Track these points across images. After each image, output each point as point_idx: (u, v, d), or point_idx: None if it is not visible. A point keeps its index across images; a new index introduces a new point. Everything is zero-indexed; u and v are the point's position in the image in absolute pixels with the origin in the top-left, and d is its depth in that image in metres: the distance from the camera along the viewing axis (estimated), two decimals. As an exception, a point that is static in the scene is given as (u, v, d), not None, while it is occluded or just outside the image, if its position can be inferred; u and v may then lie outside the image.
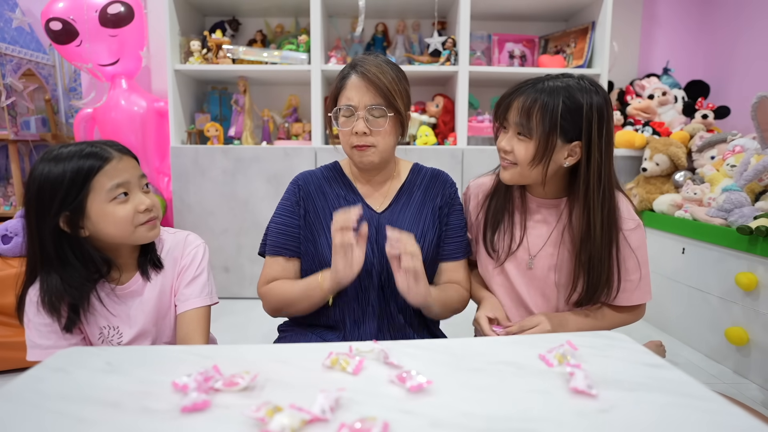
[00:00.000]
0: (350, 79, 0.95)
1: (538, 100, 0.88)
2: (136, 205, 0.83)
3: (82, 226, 0.80)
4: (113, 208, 0.81)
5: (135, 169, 0.85)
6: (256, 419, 0.47)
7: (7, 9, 2.52)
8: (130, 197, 0.83)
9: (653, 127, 2.34)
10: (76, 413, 0.50)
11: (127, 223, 0.82)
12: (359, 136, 0.94)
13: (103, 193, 0.80)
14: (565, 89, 0.88)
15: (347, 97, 0.94)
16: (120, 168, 0.82)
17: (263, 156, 2.28)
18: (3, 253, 1.61)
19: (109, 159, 0.80)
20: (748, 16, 2.46)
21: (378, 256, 0.98)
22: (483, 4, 2.36)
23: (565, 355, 0.63)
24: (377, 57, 0.98)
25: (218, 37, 2.33)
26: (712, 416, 0.50)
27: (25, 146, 2.74)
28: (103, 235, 0.82)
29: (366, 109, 0.93)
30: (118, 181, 0.81)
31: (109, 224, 0.81)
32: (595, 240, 0.92)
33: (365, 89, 0.93)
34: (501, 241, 1.03)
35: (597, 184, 0.91)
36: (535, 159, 0.91)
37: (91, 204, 0.79)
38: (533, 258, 1.01)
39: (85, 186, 0.78)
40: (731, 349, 1.62)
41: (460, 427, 0.48)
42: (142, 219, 0.84)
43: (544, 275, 1.01)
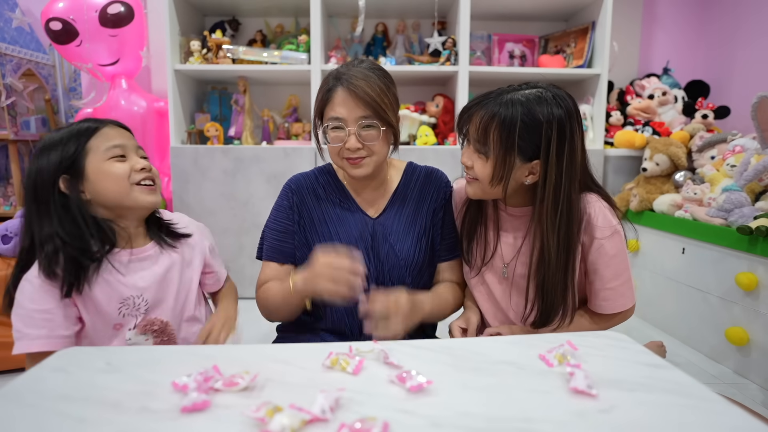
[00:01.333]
0: (336, 93, 0.90)
1: (495, 117, 0.83)
2: (132, 165, 0.85)
3: (82, 189, 0.82)
4: (110, 166, 0.83)
5: (130, 138, 0.88)
6: (256, 419, 0.47)
7: (7, 9, 2.52)
8: (126, 158, 0.85)
9: (653, 127, 2.34)
10: (76, 413, 0.50)
11: (123, 179, 0.83)
12: (351, 151, 0.91)
13: (100, 153, 0.82)
14: (524, 104, 0.83)
15: (335, 111, 0.90)
16: (115, 133, 0.85)
17: (263, 156, 2.28)
18: (3, 253, 1.61)
19: (102, 126, 0.84)
20: (748, 16, 2.46)
21: (374, 262, 0.97)
22: (483, 4, 2.36)
23: (565, 355, 0.63)
24: (361, 64, 0.93)
25: (218, 37, 2.33)
26: (712, 416, 0.50)
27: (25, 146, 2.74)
28: (103, 196, 0.83)
29: (357, 123, 0.89)
30: (114, 142, 0.84)
31: (107, 181, 0.82)
32: (550, 263, 0.86)
33: (353, 104, 0.89)
34: (476, 251, 1.01)
35: (552, 206, 0.85)
36: (493, 178, 0.87)
37: (89, 165, 0.82)
38: (506, 266, 0.99)
39: (82, 148, 0.81)
40: (731, 349, 1.62)
41: (460, 427, 0.48)
42: (137, 177, 0.85)
43: (518, 282, 0.98)
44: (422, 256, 1.00)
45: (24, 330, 0.79)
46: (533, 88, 0.87)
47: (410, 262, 0.98)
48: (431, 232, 1.02)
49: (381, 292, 0.84)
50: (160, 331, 0.89)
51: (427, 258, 1.02)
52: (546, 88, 0.87)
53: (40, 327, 0.79)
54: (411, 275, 0.99)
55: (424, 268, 1.02)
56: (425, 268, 1.02)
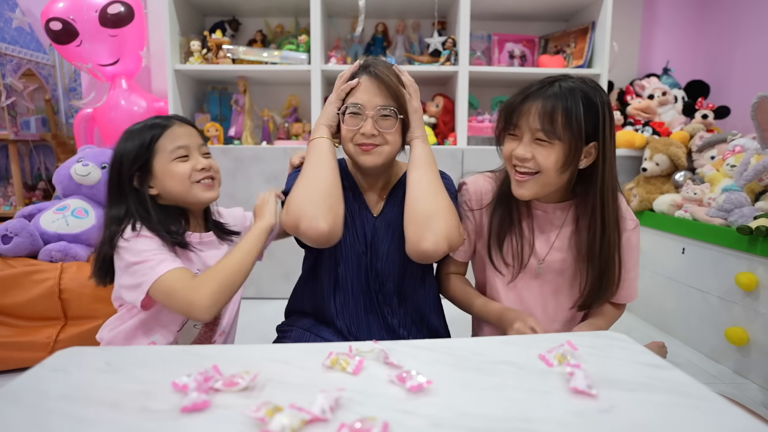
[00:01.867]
0: (362, 77, 0.93)
1: (560, 104, 0.85)
2: (194, 165, 0.92)
3: (151, 185, 0.90)
4: (174, 166, 0.90)
5: (195, 136, 0.94)
6: (256, 419, 0.47)
7: (7, 9, 2.52)
8: (189, 158, 0.92)
9: (653, 127, 2.34)
10: (76, 413, 0.50)
11: (184, 179, 0.90)
12: (366, 137, 0.92)
13: (166, 154, 0.90)
14: (580, 90, 0.86)
15: (356, 97, 0.93)
16: (180, 132, 0.92)
17: (263, 156, 2.28)
18: (3, 253, 1.61)
19: (169, 125, 0.91)
20: (748, 16, 2.46)
21: (373, 259, 0.97)
22: (483, 4, 2.36)
23: (565, 355, 0.63)
24: (385, 61, 0.98)
25: (218, 37, 2.33)
26: (712, 416, 0.50)
27: (25, 146, 2.74)
28: (167, 192, 0.91)
29: (375, 109, 0.91)
30: (179, 143, 0.91)
31: (171, 180, 0.90)
32: (609, 239, 0.92)
33: (376, 90, 0.92)
34: (511, 255, 0.99)
35: (611, 183, 0.91)
36: (564, 164, 0.87)
37: (157, 164, 0.90)
38: (542, 263, 0.99)
39: (150, 148, 0.89)
40: (731, 349, 1.62)
41: (460, 427, 0.48)
42: (197, 176, 0.92)
43: (551, 279, 1.00)
44: None
45: (159, 257, 0.84)
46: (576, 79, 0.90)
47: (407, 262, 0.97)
48: None
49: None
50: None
51: None
52: (585, 79, 0.90)
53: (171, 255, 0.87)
54: (408, 271, 0.99)
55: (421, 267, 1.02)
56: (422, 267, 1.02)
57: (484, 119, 2.42)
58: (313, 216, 0.86)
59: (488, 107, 2.62)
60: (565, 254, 0.98)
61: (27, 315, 1.57)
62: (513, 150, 0.91)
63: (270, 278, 2.32)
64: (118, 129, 2.27)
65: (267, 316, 2.16)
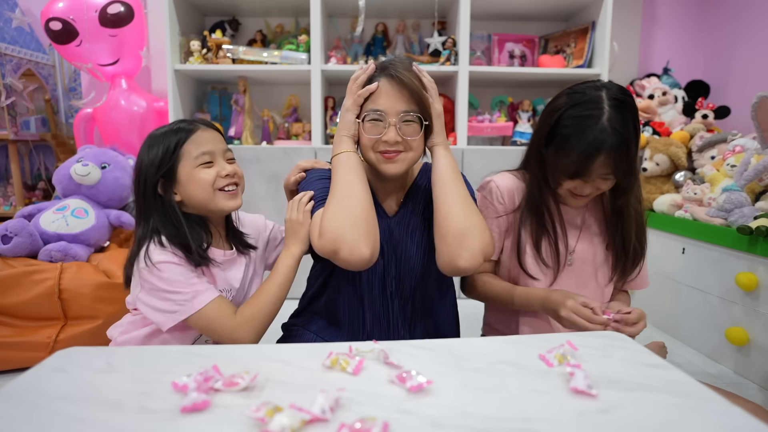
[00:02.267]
0: (381, 80, 0.88)
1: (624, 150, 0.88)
2: (218, 171, 0.90)
3: (175, 191, 0.89)
4: (199, 172, 0.88)
5: (220, 141, 0.93)
6: (256, 419, 0.47)
7: (7, 9, 2.52)
8: (214, 164, 0.90)
9: (653, 127, 2.34)
10: (76, 413, 0.50)
11: (208, 186, 0.88)
12: (389, 144, 0.88)
13: (191, 159, 0.88)
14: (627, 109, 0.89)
15: (376, 103, 0.87)
16: (205, 137, 0.90)
17: (263, 156, 2.28)
18: (2, 253, 1.61)
19: (194, 130, 0.89)
20: (748, 16, 2.46)
21: (387, 259, 0.96)
22: (483, 4, 2.36)
23: (565, 355, 0.63)
24: (405, 60, 0.92)
25: (218, 37, 2.33)
26: (712, 416, 0.50)
27: (25, 146, 2.74)
28: (190, 199, 0.90)
29: (398, 116, 0.87)
30: (203, 149, 0.89)
31: (196, 187, 0.88)
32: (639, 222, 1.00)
33: (398, 94, 0.87)
34: (550, 257, 1.00)
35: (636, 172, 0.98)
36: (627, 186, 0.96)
37: (182, 170, 0.88)
38: (572, 254, 1.02)
39: (175, 153, 0.87)
40: (731, 349, 1.62)
41: (460, 427, 0.48)
42: (221, 183, 0.90)
43: (580, 268, 1.03)
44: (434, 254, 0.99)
45: (196, 288, 0.84)
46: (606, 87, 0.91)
47: (428, 258, 0.97)
48: None
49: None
50: None
51: None
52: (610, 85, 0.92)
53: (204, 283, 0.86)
54: (429, 271, 0.98)
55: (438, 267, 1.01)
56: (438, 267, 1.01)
57: (484, 119, 2.42)
58: (354, 242, 0.81)
59: (488, 107, 2.62)
60: (591, 239, 1.03)
61: (27, 315, 1.57)
62: (577, 187, 0.94)
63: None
64: (118, 129, 2.28)
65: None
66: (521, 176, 1.05)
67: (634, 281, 1.08)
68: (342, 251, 0.82)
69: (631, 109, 0.90)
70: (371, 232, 0.84)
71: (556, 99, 0.95)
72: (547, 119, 0.95)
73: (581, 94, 0.91)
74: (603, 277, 1.04)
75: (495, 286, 1.04)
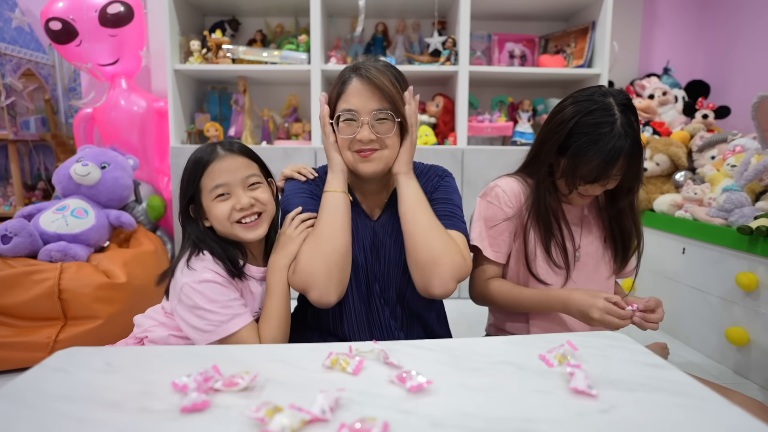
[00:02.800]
0: (351, 83, 0.90)
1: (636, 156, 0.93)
2: (233, 204, 0.88)
3: (205, 217, 0.91)
4: (215, 206, 0.88)
5: (238, 169, 0.89)
6: (256, 419, 0.47)
7: (7, 9, 2.52)
8: (231, 196, 0.89)
9: (653, 127, 2.34)
10: (76, 413, 0.50)
11: (223, 220, 0.88)
12: (363, 143, 0.89)
13: (207, 193, 0.88)
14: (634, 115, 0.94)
15: (348, 102, 0.89)
16: (223, 168, 0.88)
17: (263, 156, 2.27)
18: (2, 253, 1.61)
19: (211, 161, 0.88)
20: (748, 16, 2.46)
21: (372, 263, 0.96)
22: (483, 4, 2.36)
23: (565, 355, 0.63)
24: (377, 61, 0.94)
25: (218, 37, 2.33)
26: (713, 416, 0.50)
27: (24, 146, 2.74)
28: (215, 228, 0.91)
29: (371, 114, 0.88)
30: (217, 182, 0.88)
31: (214, 219, 0.89)
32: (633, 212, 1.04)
33: (369, 94, 0.88)
34: (559, 257, 1.02)
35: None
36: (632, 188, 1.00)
37: (203, 201, 0.89)
38: (578, 249, 1.05)
39: (195, 186, 0.89)
40: (731, 349, 1.62)
41: (460, 427, 0.48)
42: (236, 216, 0.88)
43: (585, 262, 1.05)
44: None
45: (232, 312, 0.85)
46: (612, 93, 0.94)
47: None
48: None
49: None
50: None
51: None
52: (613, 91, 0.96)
53: (241, 307, 0.86)
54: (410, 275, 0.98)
55: None
56: None
57: (484, 119, 2.42)
58: (325, 288, 0.86)
59: (488, 107, 2.62)
60: (592, 233, 1.06)
61: (27, 315, 1.57)
62: (589, 189, 0.97)
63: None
64: (118, 129, 2.28)
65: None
66: (522, 179, 1.06)
67: (626, 271, 1.12)
68: (311, 294, 0.87)
69: (634, 112, 0.95)
70: (342, 279, 0.89)
71: (562, 109, 0.96)
72: (556, 129, 0.95)
73: (590, 102, 0.92)
74: (606, 269, 1.07)
75: (508, 292, 1.04)
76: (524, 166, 1.07)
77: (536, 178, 1.01)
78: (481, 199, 1.08)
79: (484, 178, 1.13)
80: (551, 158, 0.98)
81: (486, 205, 1.06)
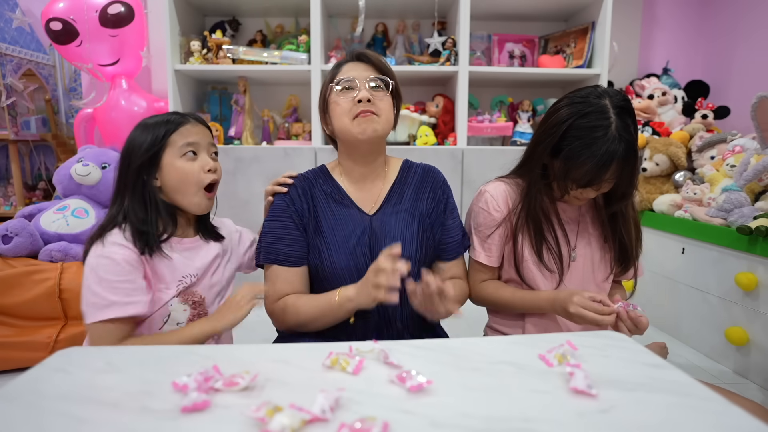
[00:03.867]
0: (348, 64, 0.96)
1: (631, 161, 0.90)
2: (202, 165, 0.92)
3: (156, 177, 0.91)
4: (182, 163, 0.91)
5: (207, 136, 0.95)
6: (256, 419, 0.47)
7: (7, 9, 2.52)
8: (198, 157, 0.92)
9: (653, 127, 2.34)
10: (76, 413, 0.50)
11: (191, 178, 0.91)
12: (363, 104, 0.92)
13: (176, 149, 0.90)
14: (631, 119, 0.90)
15: (345, 74, 0.95)
16: (193, 131, 0.92)
17: (263, 156, 2.28)
18: (3, 253, 1.61)
19: (184, 122, 0.92)
20: (748, 17, 2.46)
21: (370, 260, 0.95)
22: (483, 4, 2.36)
23: (565, 355, 0.63)
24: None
25: (218, 37, 2.33)
26: (713, 416, 0.50)
27: (25, 146, 2.74)
28: (169, 188, 0.91)
29: (366, 80, 0.94)
30: (190, 140, 0.91)
31: (177, 177, 0.90)
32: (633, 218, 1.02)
33: (364, 67, 0.95)
34: (551, 259, 1.01)
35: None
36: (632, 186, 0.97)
37: (165, 157, 0.90)
38: (574, 249, 1.03)
39: (163, 141, 0.89)
40: (731, 349, 1.62)
41: (460, 427, 0.48)
42: (205, 179, 0.92)
43: (581, 263, 1.04)
44: (422, 252, 0.99)
45: (111, 297, 0.83)
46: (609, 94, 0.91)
47: (412, 259, 0.97)
48: (431, 229, 1.01)
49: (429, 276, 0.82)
50: (197, 304, 0.95)
51: (428, 255, 1.01)
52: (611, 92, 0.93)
53: (126, 294, 0.84)
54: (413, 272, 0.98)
55: (424, 265, 1.02)
56: (424, 264, 1.02)
57: (484, 119, 2.42)
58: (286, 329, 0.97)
59: (488, 107, 2.62)
60: (589, 235, 1.04)
61: (27, 315, 1.57)
62: (583, 192, 0.96)
63: (270, 278, 2.32)
64: (119, 129, 2.28)
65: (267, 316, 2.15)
66: (512, 182, 1.06)
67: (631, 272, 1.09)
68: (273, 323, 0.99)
69: (631, 114, 0.91)
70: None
71: (557, 110, 0.94)
72: (550, 130, 0.93)
73: (585, 104, 0.90)
74: (602, 271, 1.06)
75: (502, 294, 1.05)
76: (518, 167, 1.07)
77: (529, 180, 1.01)
78: (473, 204, 1.10)
79: (483, 178, 1.13)
80: (545, 159, 0.97)
81: (477, 210, 1.07)
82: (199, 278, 0.96)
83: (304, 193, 1.00)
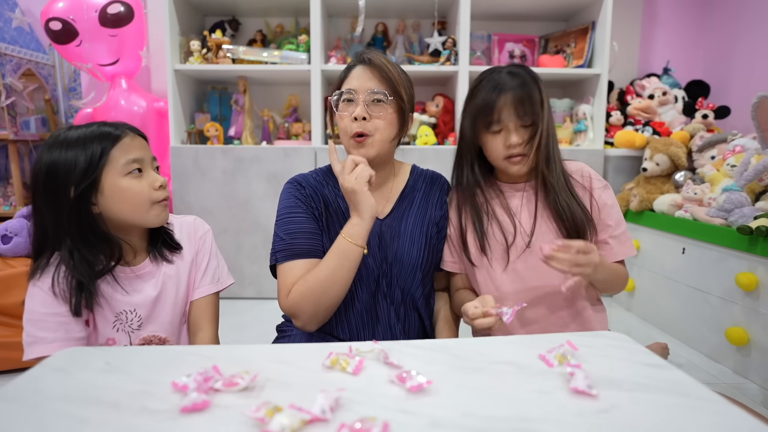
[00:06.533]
0: (355, 69, 0.95)
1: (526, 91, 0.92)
2: (151, 182, 0.82)
3: (94, 201, 0.79)
4: (129, 183, 0.79)
5: (147, 149, 0.84)
6: (256, 419, 0.47)
7: (7, 9, 2.52)
8: (143, 174, 0.82)
9: (653, 127, 2.34)
10: (76, 413, 0.50)
11: (143, 199, 0.80)
12: (358, 122, 0.91)
13: (119, 167, 0.78)
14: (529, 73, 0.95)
15: (349, 84, 0.94)
16: (134, 145, 0.81)
17: (263, 156, 2.28)
18: (3, 253, 1.61)
19: (122, 136, 0.80)
20: (748, 16, 2.46)
21: (379, 262, 0.96)
22: (483, 4, 2.36)
23: (565, 355, 0.63)
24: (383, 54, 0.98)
25: (218, 37, 2.33)
26: (713, 416, 0.50)
27: (25, 146, 2.74)
28: (116, 212, 0.80)
29: (366, 93, 0.91)
30: (133, 156, 0.80)
31: (124, 200, 0.79)
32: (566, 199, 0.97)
33: (369, 75, 0.93)
34: (494, 239, 0.99)
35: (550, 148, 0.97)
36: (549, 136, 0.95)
37: (106, 178, 0.78)
38: (530, 237, 0.99)
39: (101, 159, 0.77)
40: (731, 349, 1.62)
41: (460, 427, 0.48)
42: (158, 196, 0.82)
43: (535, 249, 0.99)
44: (430, 258, 1.00)
45: (38, 334, 0.79)
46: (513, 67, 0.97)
47: (419, 264, 0.97)
48: (438, 235, 1.02)
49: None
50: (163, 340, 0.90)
51: (434, 261, 1.01)
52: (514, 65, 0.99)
53: (54, 330, 0.79)
54: (418, 277, 0.98)
55: (431, 272, 1.02)
56: (431, 271, 1.02)
57: (484, 119, 2.42)
58: (307, 323, 0.89)
59: (488, 107, 2.62)
60: (549, 224, 0.99)
61: (27, 315, 1.57)
62: (506, 141, 0.95)
63: (269, 278, 2.32)
64: (118, 129, 2.28)
65: (267, 316, 2.16)
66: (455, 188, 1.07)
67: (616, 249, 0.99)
68: (296, 321, 0.90)
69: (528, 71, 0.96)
70: (327, 316, 0.91)
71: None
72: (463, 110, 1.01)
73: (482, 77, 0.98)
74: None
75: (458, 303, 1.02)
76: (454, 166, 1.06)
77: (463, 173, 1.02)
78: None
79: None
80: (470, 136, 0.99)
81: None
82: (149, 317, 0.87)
83: (315, 192, 0.99)
